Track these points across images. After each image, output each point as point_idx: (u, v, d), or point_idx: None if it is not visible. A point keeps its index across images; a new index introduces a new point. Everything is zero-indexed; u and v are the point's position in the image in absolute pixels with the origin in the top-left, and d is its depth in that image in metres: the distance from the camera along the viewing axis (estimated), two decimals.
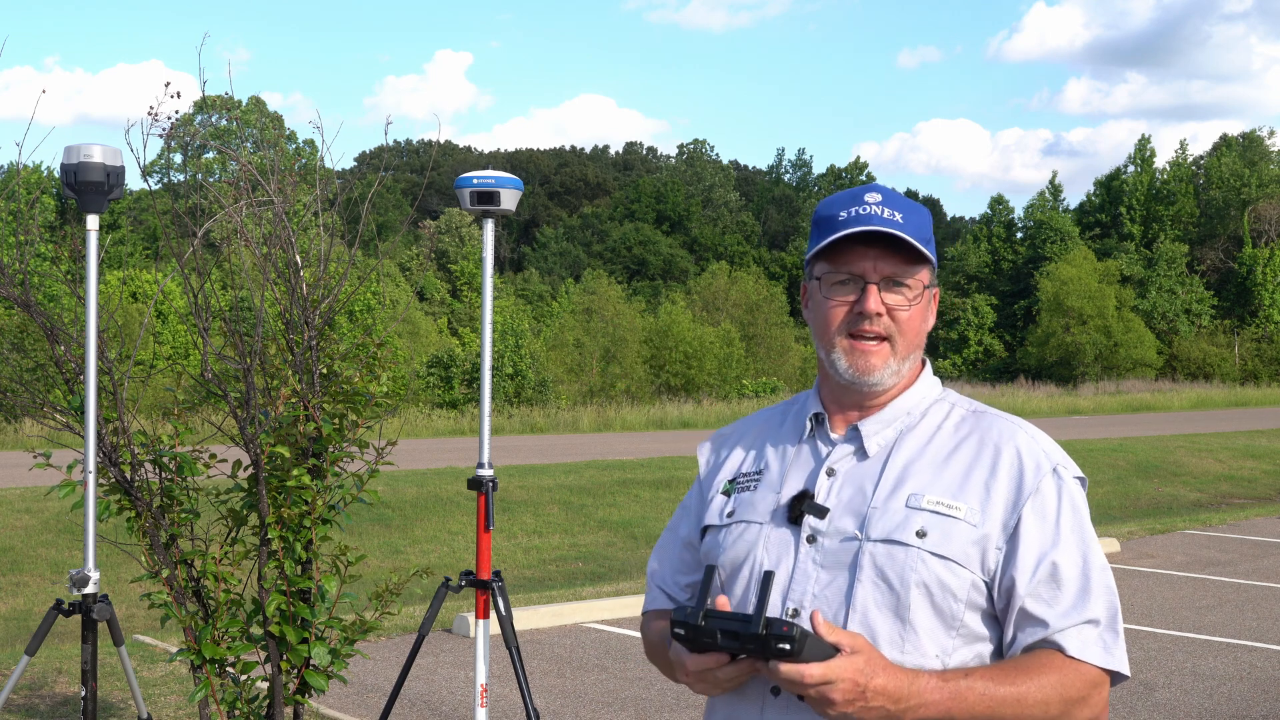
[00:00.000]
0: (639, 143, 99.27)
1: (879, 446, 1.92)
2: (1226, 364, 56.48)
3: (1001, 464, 1.87)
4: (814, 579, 1.85)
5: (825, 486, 1.91)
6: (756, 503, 1.96)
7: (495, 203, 4.61)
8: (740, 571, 1.92)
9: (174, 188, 4.96)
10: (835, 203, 1.95)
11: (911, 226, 1.90)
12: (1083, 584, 1.82)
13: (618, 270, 64.00)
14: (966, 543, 1.81)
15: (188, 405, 4.57)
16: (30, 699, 6.42)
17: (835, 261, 1.92)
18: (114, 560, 8.50)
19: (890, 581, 1.80)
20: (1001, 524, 1.83)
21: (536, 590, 10.40)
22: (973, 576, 1.81)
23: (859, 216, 1.90)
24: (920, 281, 1.92)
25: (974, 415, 1.96)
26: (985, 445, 1.90)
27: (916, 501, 1.84)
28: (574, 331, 43.57)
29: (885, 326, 1.91)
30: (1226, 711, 6.59)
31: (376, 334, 4.72)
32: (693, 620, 1.72)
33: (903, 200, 1.94)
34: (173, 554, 4.43)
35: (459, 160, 75.46)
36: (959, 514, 1.82)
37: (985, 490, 1.85)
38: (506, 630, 4.77)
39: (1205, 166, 64.92)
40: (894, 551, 1.81)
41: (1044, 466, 1.87)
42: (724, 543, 1.96)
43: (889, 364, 1.92)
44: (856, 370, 1.91)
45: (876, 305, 1.89)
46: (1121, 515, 16.03)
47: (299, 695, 4.53)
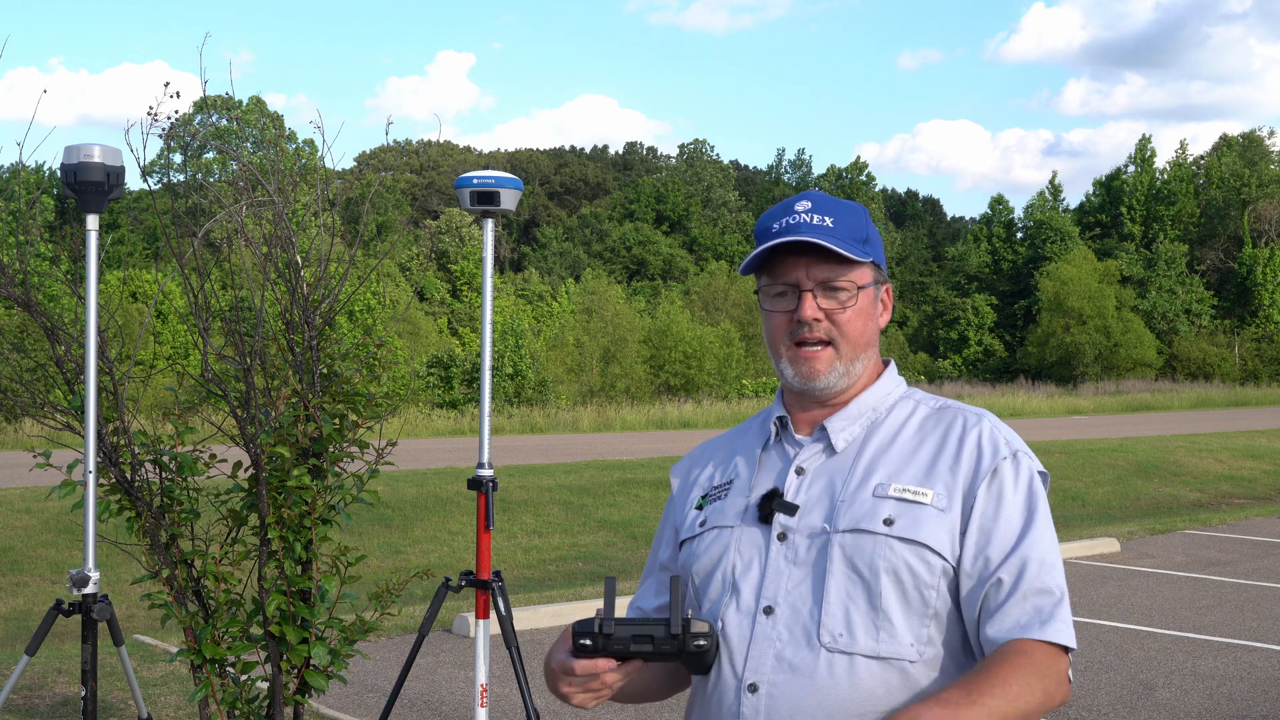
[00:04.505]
0: (639, 143, 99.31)
1: (847, 442, 1.95)
2: (1226, 364, 56.49)
3: (965, 449, 1.89)
4: (786, 576, 1.87)
5: (794, 484, 1.93)
6: (727, 509, 1.98)
7: (495, 203, 4.61)
8: (714, 576, 1.94)
9: (174, 188, 4.96)
10: (770, 215, 1.99)
11: (843, 228, 1.94)
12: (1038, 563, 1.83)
13: (618, 270, 64.02)
14: (936, 527, 1.83)
15: (188, 405, 4.56)
16: (30, 699, 6.42)
17: (772, 273, 1.97)
18: (114, 560, 8.50)
19: (860, 571, 1.82)
20: (962, 504, 1.86)
21: (536, 590, 10.40)
22: (943, 562, 1.83)
23: (789, 227, 1.94)
24: (854, 282, 1.94)
25: (938, 410, 1.98)
26: (950, 434, 1.92)
27: (883, 490, 1.87)
28: (574, 331, 43.59)
29: (825, 331, 1.94)
30: (1226, 711, 6.59)
31: (376, 334, 4.71)
32: (606, 629, 1.78)
33: (834, 203, 1.98)
34: (173, 554, 4.43)
35: (459, 160, 75.42)
36: (925, 499, 1.85)
37: (951, 475, 1.87)
38: (506, 630, 4.77)
39: (1205, 167, 64.94)
40: (862, 540, 1.83)
41: (1003, 451, 1.89)
42: (698, 551, 1.98)
43: (835, 367, 1.95)
44: (803, 377, 1.95)
45: (813, 312, 1.92)
46: (1121, 515, 16.03)
47: (299, 695, 4.53)
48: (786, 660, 1.82)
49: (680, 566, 2.04)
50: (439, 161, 75.05)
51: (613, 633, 1.78)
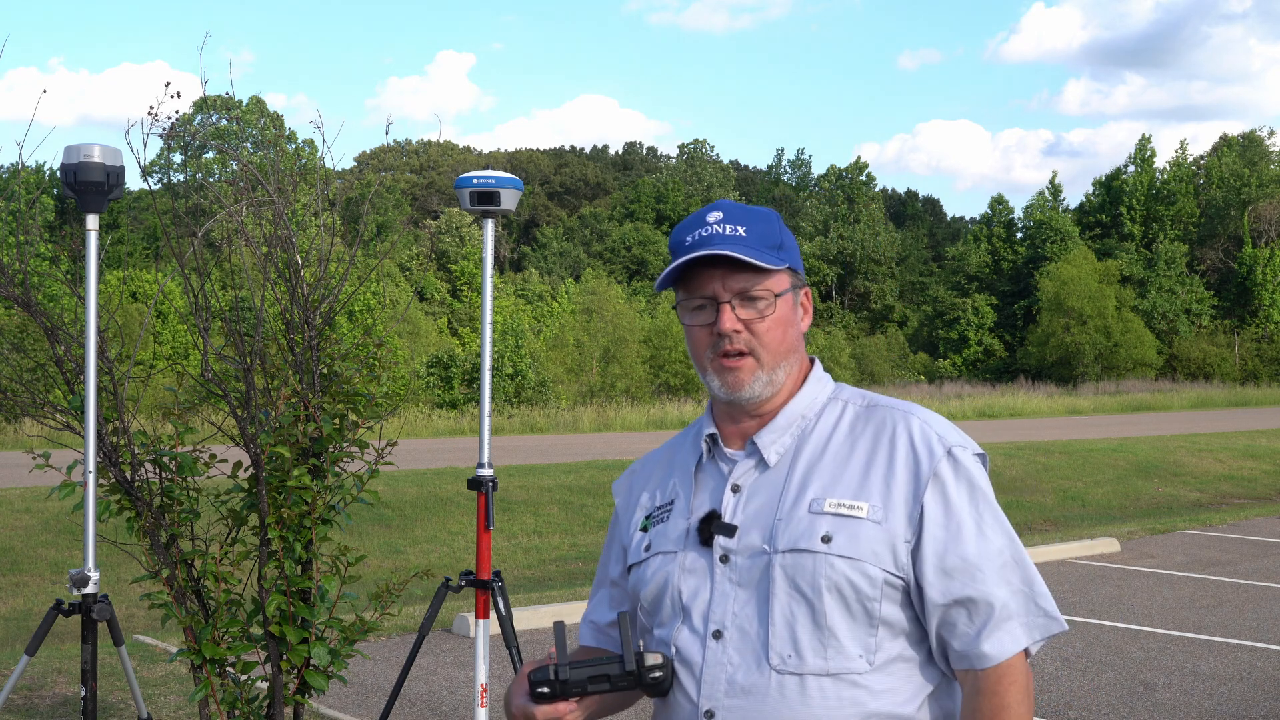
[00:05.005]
0: (639, 143, 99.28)
1: (778, 455, 1.94)
2: (1226, 364, 56.49)
3: (898, 455, 1.88)
4: (733, 598, 1.87)
5: (731, 504, 1.92)
6: (669, 532, 1.98)
7: (495, 203, 4.62)
8: (662, 602, 1.95)
9: (174, 188, 4.96)
10: (683, 228, 1.98)
11: (755, 236, 1.92)
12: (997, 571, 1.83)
13: (618, 270, 64.01)
14: (873, 541, 1.83)
15: (188, 405, 4.56)
16: (30, 699, 6.42)
17: (689, 288, 1.95)
18: (114, 560, 8.50)
19: (803, 590, 1.82)
20: (906, 516, 1.84)
21: (536, 590, 10.40)
22: (884, 575, 1.82)
23: (701, 239, 1.92)
24: (771, 290, 1.93)
25: (867, 410, 1.97)
26: (880, 439, 1.91)
27: (819, 506, 1.86)
28: (574, 331, 43.58)
29: (745, 342, 1.92)
30: (1226, 711, 6.59)
31: (376, 334, 4.71)
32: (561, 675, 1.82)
33: (745, 211, 1.96)
34: (173, 554, 4.43)
35: (459, 160, 75.42)
36: (861, 514, 1.84)
37: (885, 485, 1.86)
38: (506, 630, 4.77)
39: (1205, 167, 64.94)
40: (802, 560, 1.83)
41: (937, 451, 1.87)
42: (645, 576, 1.99)
43: (758, 376, 1.93)
44: (728, 388, 1.93)
45: (732, 323, 1.91)
46: (1121, 515, 16.03)
47: (299, 695, 4.53)
48: (739, 684, 1.84)
49: (630, 590, 2.05)
50: (439, 161, 75.05)
51: (569, 678, 1.83)
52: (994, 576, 1.83)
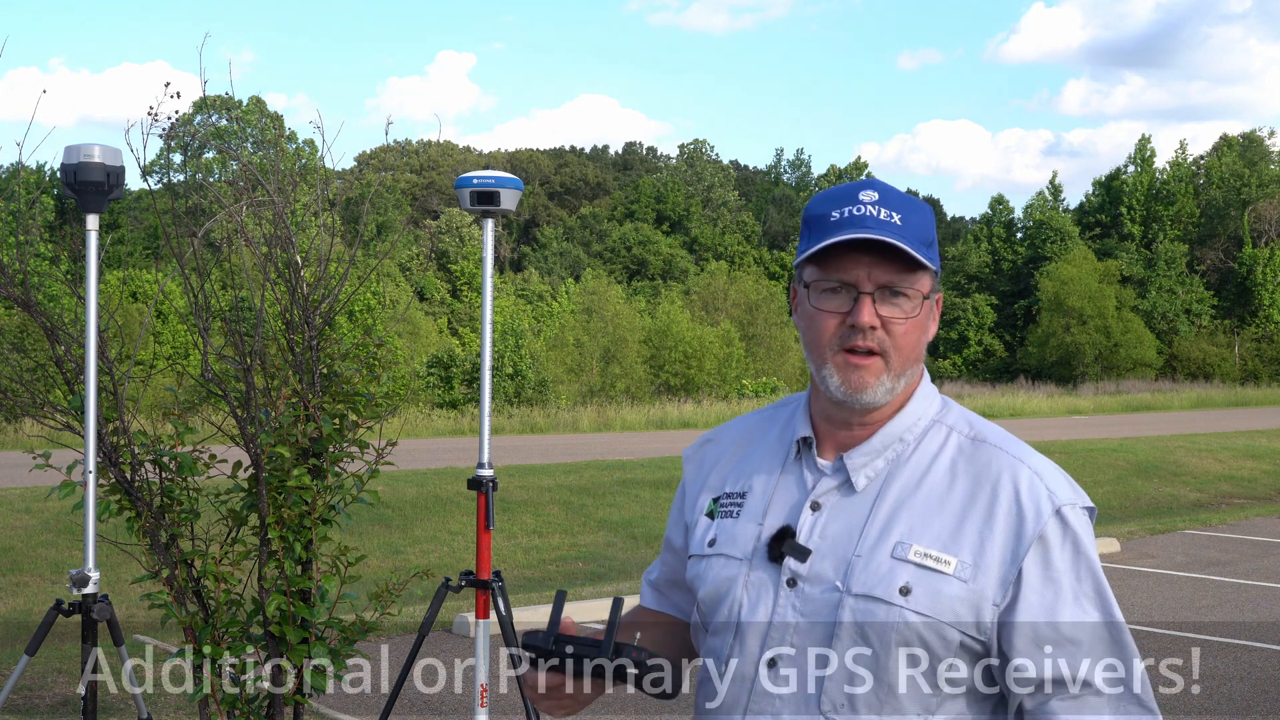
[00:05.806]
0: (639, 143, 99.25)
1: (867, 480, 1.78)
2: (1226, 364, 56.49)
3: (999, 509, 1.71)
4: (793, 628, 1.75)
5: (809, 523, 1.77)
6: (737, 535, 1.84)
7: (495, 203, 4.62)
8: (719, 609, 1.83)
9: (174, 188, 4.96)
10: (828, 200, 1.78)
11: (911, 228, 1.73)
12: (1092, 642, 1.70)
13: (618, 270, 64.00)
14: (956, 601, 1.68)
15: (188, 405, 4.57)
16: (30, 699, 6.42)
17: (826, 267, 1.75)
18: (114, 560, 8.49)
19: (870, 641, 1.69)
20: (999, 579, 1.69)
21: (536, 590, 10.40)
22: (961, 637, 1.69)
23: (852, 218, 1.72)
24: (919, 291, 1.75)
25: (973, 445, 1.79)
26: (982, 485, 1.74)
27: (903, 552, 1.70)
28: (574, 331, 43.57)
29: (879, 341, 1.73)
30: (1226, 711, 6.59)
31: (376, 334, 4.71)
32: (543, 644, 1.80)
33: (902, 198, 1.77)
34: (173, 554, 4.43)
35: (459, 160, 75.41)
36: (949, 569, 1.69)
37: (979, 540, 1.70)
38: (507, 630, 4.77)
39: (1205, 167, 64.93)
40: (875, 609, 1.69)
41: (1045, 510, 1.71)
42: (705, 575, 1.87)
43: (882, 381, 1.75)
44: (849, 388, 1.75)
45: (870, 318, 1.72)
46: (1121, 515, 16.03)
47: (299, 695, 4.53)
48: None
49: (687, 578, 1.95)
50: (439, 161, 75.03)
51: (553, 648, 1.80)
52: (1088, 653, 1.69)
